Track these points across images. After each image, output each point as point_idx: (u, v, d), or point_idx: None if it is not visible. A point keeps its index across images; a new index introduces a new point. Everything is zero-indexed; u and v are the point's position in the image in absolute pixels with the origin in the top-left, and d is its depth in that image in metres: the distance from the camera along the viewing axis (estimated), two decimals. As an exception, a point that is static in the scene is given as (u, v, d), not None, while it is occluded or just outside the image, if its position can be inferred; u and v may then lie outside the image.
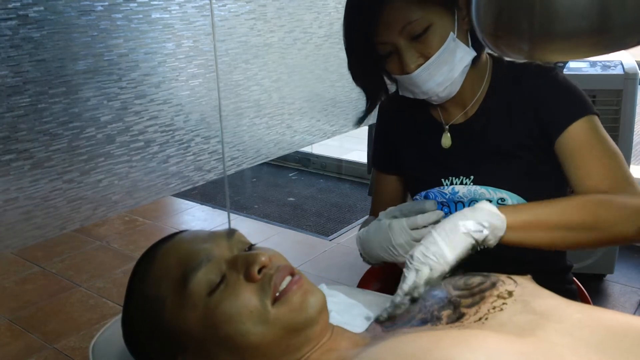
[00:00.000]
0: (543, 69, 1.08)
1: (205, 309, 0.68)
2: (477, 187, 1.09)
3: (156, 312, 0.71)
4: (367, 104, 1.15)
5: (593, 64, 2.22)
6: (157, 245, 0.77)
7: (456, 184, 1.12)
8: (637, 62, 2.20)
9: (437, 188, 1.14)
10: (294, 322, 0.68)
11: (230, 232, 0.76)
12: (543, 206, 0.90)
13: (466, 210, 0.83)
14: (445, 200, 1.13)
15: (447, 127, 1.14)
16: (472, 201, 1.10)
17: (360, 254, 1.08)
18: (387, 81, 1.15)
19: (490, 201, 1.06)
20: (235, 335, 0.67)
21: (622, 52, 2.15)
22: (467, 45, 1.03)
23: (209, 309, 0.68)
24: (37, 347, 2.22)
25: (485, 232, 0.81)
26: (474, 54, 1.04)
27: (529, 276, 0.79)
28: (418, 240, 0.92)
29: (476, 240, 0.80)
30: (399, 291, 0.79)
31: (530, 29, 0.58)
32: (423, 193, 1.16)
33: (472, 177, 1.10)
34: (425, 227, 0.94)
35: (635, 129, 2.21)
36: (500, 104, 1.10)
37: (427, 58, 1.00)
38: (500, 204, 1.07)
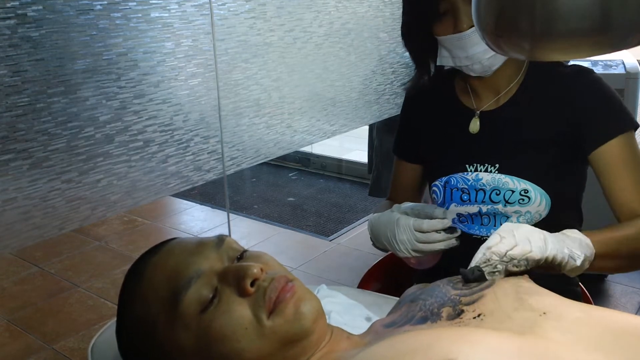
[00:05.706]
0: (582, 69, 1.10)
1: (199, 327, 0.66)
2: (502, 176, 1.10)
3: (148, 333, 0.69)
4: (414, 70, 1.18)
5: (594, 64, 2.22)
6: (144, 259, 0.74)
7: (481, 170, 1.12)
8: (638, 61, 2.19)
9: (459, 174, 1.14)
10: (289, 333, 0.66)
11: (220, 241, 0.73)
12: (614, 234, 0.94)
13: (561, 235, 0.85)
14: (466, 186, 1.14)
15: (477, 112, 1.15)
16: (494, 190, 1.11)
17: (370, 237, 1.12)
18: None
19: (514, 191, 1.08)
20: (231, 353, 0.65)
21: (624, 51, 2.14)
22: None
23: (202, 328, 0.66)
24: (36, 348, 2.22)
25: (579, 261, 0.82)
26: None
27: (526, 275, 0.79)
28: (420, 242, 0.97)
29: (561, 265, 0.81)
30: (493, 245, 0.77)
31: (531, 28, 0.58)
32: (444, 178, 1.16)
33: (497, 165, 1.11)
34: (428, 232, 0.97)
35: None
36: (535, 96, 1.11)
37: None
38: (523, 195, 1.08)
